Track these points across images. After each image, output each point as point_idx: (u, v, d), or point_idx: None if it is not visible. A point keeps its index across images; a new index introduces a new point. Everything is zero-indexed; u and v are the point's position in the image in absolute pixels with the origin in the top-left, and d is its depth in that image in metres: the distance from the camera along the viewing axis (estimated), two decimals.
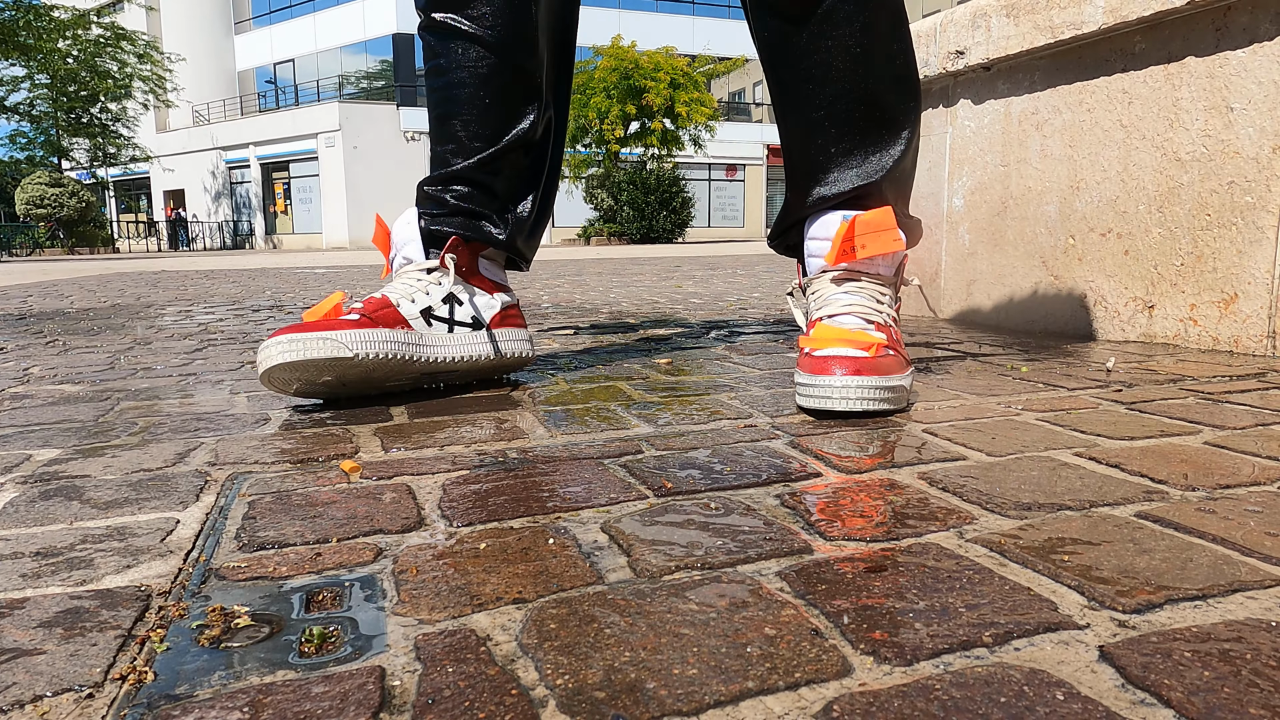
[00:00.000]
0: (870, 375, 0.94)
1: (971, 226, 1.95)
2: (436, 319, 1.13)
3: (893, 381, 0.97)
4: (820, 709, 0.39)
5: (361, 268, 7.00)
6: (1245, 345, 1.40)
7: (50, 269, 8.62)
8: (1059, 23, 1.63)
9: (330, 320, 1.04)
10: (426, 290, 1.14)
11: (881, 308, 1.07)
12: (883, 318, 1.06)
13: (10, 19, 21.11)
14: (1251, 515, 0.63)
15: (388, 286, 1.15)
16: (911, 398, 1.04)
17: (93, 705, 0.41)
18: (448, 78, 1.19)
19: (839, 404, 0.94)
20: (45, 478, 0.79)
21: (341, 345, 1.02)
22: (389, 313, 1.09)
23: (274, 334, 1.02)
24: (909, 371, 1.02)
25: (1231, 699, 0.39)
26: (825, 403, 0.94)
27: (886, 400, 0.96)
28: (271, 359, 1.00)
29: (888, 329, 1.05)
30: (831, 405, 0.94)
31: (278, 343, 1.00)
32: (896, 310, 1.12)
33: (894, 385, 0.97)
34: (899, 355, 1.02)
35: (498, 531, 0.62)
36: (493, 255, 1.24)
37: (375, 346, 1.05)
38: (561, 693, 0.40)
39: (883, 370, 0.96)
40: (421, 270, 1.16)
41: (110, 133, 24.72)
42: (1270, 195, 1.36)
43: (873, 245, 1.06)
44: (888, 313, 1.07)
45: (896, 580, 0.52)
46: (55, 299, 3.55)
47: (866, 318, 1.04)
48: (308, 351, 1.00)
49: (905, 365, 1.02)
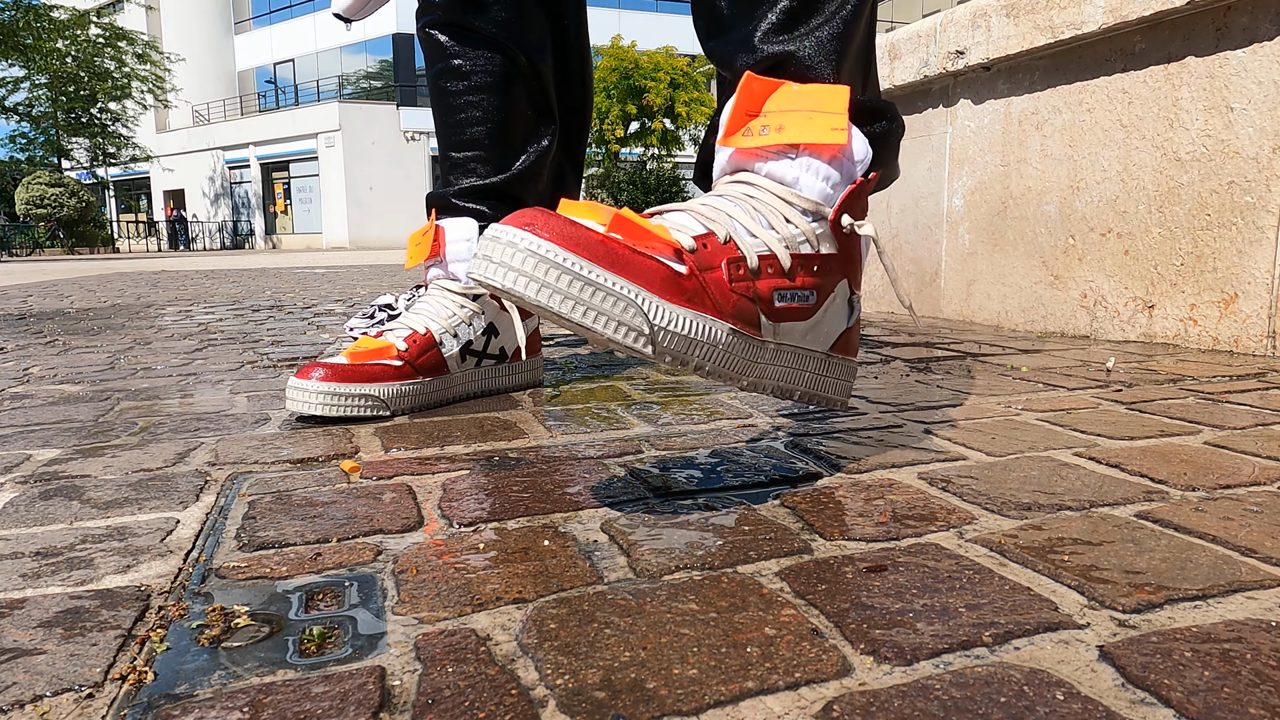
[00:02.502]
0: (560, 246, 0.56)
1: (971, 226, 1.95)
2: (470, 353, 1.11)
3: (598, 277, 0.56)
4: (820, 709, 0.39)
5: (361, 268, 7.00)
6: (1245, 345, 1.40)
7: (50, 269, 8.62)
8: (1059, 23, 1.63)
9: (373, 369, 1.01)
10: (470, 320, 1.10)
11: (760, 231, 0.66)
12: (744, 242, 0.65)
13: (10, 19, 21.11)
14: (1251, 515, 0.63)
15: (430, 305, 1.11)
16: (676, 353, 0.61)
17: (93, 705, 0.41)
18: (469, 81, 1.13)
19: (491, 274, 0.57)
20: (45, 478, 0.79)
21: (381, 404, 1.01)
22: (432, 357, 1.06)
23: (308, 369, 0.99)
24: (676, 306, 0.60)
25: (1231, 699, 0.39)
26: (479, 267, 0.57)
27: (573, 302, 0.56)
28: (309, 406, 0.98)
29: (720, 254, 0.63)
30: (480, 272, 0.57)
31: (318, 390, 0.98)
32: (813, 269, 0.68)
33: (597, 282, 0.56)
34: (677, 277, 0.60)
35: (498, 531, 0.62)
36: None
37: (411, 400, 1.04)
38: (561, 693, 0.40)
39: (593, 255, 0.57)
40: (466, 297, 1.11)
41: (110, 133, 24.72)
42: (1270, 195, 1.36)
43: (795, 128, 0.67)
44: (765, 245, 0.66)
45: (896, 580, 0.52)
46: (55, 299, 3.55)
47: (708, 225, 0.65)
48: (346, 408, 0.99)
49: (672, 289, 0.60)
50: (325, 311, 2.65)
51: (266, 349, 1.72)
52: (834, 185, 0.70)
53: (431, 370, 1.06)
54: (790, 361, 0.70)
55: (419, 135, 26.00)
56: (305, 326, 2.18)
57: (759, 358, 0.67)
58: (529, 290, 0.55)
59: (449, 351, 1.08)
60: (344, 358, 1.02)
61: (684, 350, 0.60)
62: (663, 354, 0.59)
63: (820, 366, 0.73)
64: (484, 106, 1.14)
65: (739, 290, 0.64)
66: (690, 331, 0.60)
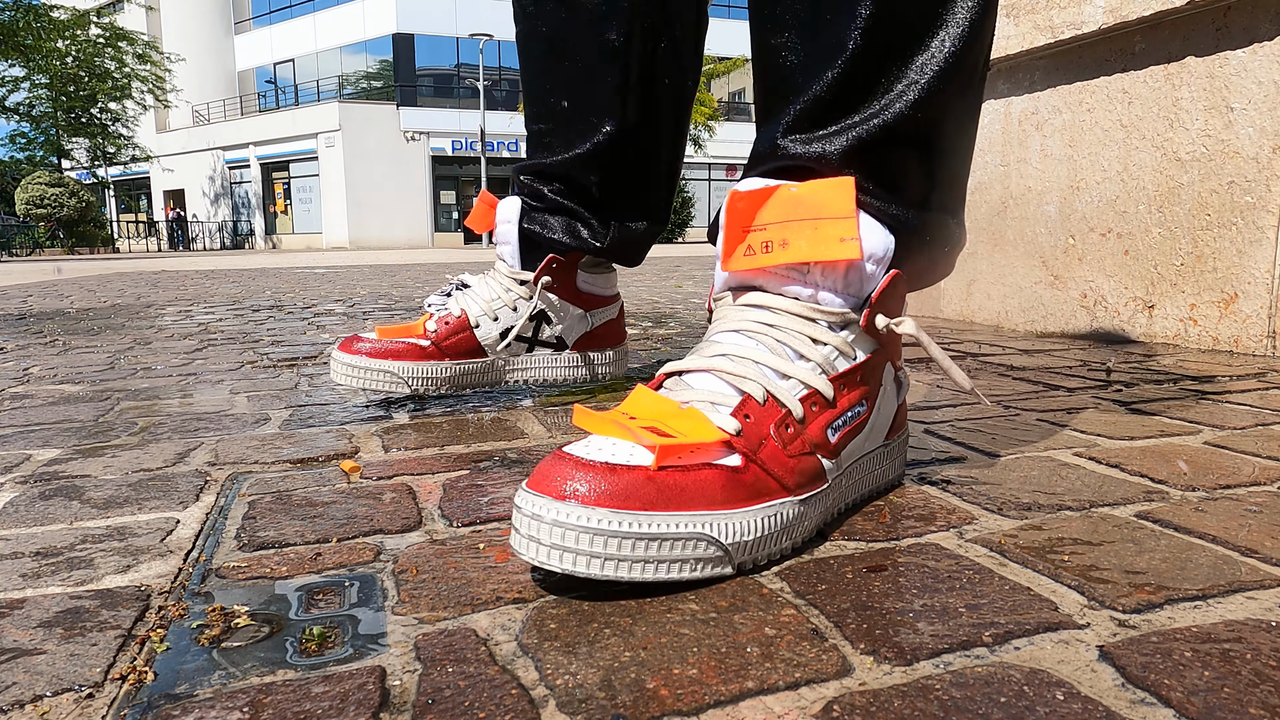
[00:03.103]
0: (609, 508, 0.49)
1: (971, 226, 1.95)
2: (518, 339, 1.08)
3: (650, 524, 0.50)
4: (820, 709, 0.39)
5: (361, 268, 7.00)
6: (1245, 345, 1.40)
7: (50, 269, 8.62)
8: (1059, 23, 1.63)
9: (396, 347, 1.03)
10: (514, 305, 1.08)
11: (793, 368, 0.59)
12: (781, 392, 0.58)
13: (10, 19, 21.11)
14: (1251, 515, 0.63)
15: (474, 291, 1.09)
16: (756, 556, 0.54)
17: (93, 705, 0.41)
18: (548, 45, 1.02)
19: (546, 557, 0.50)
20: (45, 478, 0.79)
21: (399, 380, 1.03)
22: (462, 339, 1.06)
23: (342, 345, 1.04)
24: (744, 512, 0.53)
25: (1231, 699, 0.39)
26: (527, 548, 0.50)
27: (641, 563, 0.50)
28: (336, 375, 1.04)
29: (765, 418, 0.57)
30: (532, 555, 0.50)
31: (342, 361, 1.03)
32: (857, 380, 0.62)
33: (648, 533, 0.49)
34: (735, 476, 0.53)
35: (498, 531, 0.62)
36: (598, 260, 1.11)
37: (435, 383, 1.05)
38: (561, 693, 0.40)
39: (645, 501, 0.50)
40: (514, 280, 1.08)
41: (110, 133, 24.73)
42: (1270, 195, 1.36)
43: (799, 242, 0.61)
44: (801, 383, 0.59)
45: (896, 580, 0.52)
46: (55, 299, 3.55)
47: (740, 386, 0.58)
48: (366, 381, 1.03)
49: (733, 493, 0.53)
50: (325, 311, 2.65)
51: (266, 349, 1.72)
52: (858, 290, 0.63)
53: (462, 353, 1.06)
54: (852, 479, 0.64)
55: (419, 135, 26.00)
56: (305, 326, 2.18)
57: (826, 501, 0.60)
58: (593, 569, 0.49)
59: (485, 334, 1.07)
60: (374, 334, 1.05)
61: (762, 550, 0.54)
62: (744, 565, 0.54)
63: (880, 461, 0.68)
64: (559, 74, 1.03)
65: (795, 451, 0.57)
66: (766, 529, 0.54)
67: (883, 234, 0.64)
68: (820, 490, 0.59)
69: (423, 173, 26.35)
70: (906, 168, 0.66)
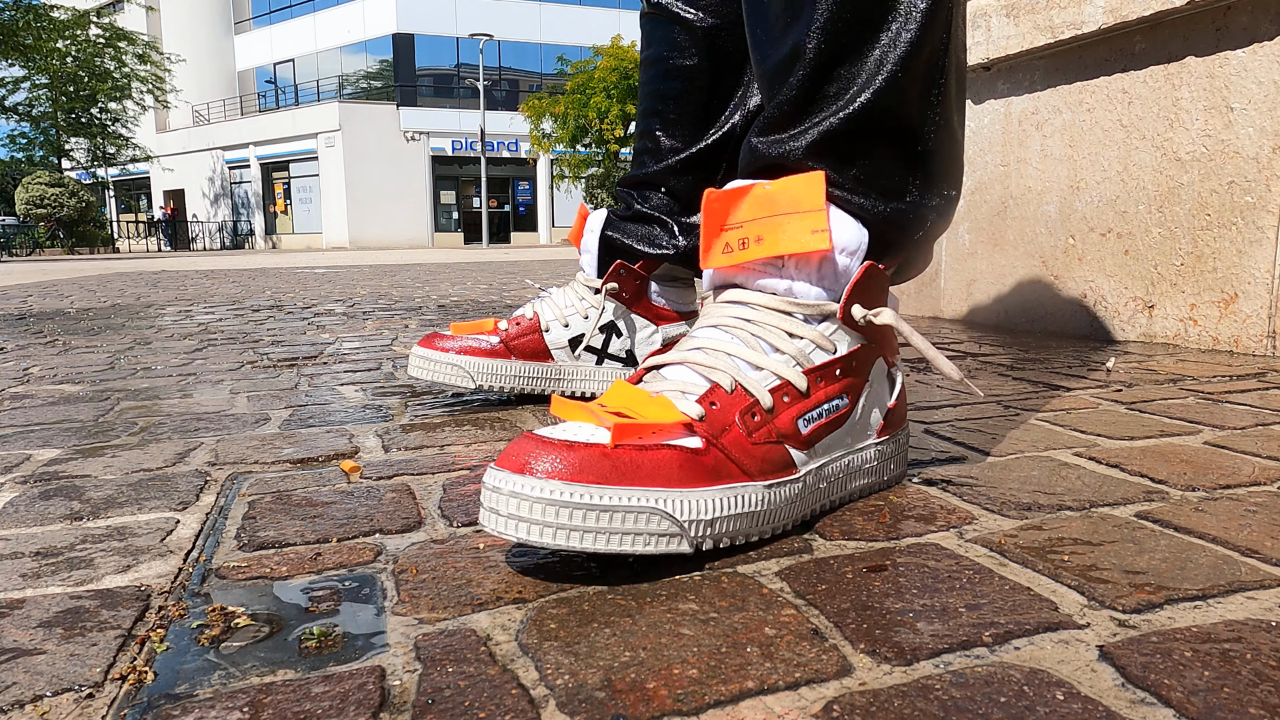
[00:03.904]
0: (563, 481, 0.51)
1: (971, 226, 1.95)
2: (587, 349, 1.07)
3: (603, 497, 0.51)
4: (820, 709, 0.39)
5: (361, 268, 7.00)
6: (1245, 345, 1.40)
7: (50, 269, 8.62)
8: (1059, 23, 1.63)
9: (466, 345, 1.05)
10: (585, 313, 1.07)
11: (766, 360, 0.62)
12: (751, 382, 0.60)
13: (10, 19, 21.11)
14: (1251, 515, 0.63)
15: (552, 298, 1.10)
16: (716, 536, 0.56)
17: (93, 705, 0.41)
18: (654, 70, 1.05)
19: (503, 527, 0.52)
20: (45, 478, 0.79)
21: (466, 374, 1.04)
22: (531, 341, 1.06)
23: (422, 341, 1.07)
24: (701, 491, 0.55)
25: (1231, 699, 0.39)
26: (488, 520, 0.53)
27: (594, 533, 0.52)
28: (411, 367, 1.07)
29: (731, 405, 0.59)
30: (492, 526, 0.53)
31: (418, 355, 1.06)
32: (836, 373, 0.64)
33: (601, 504, 0.51)
34: (694, 457, 0.55)
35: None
36: (677, 273, 1.09)
37: (501, 380, 1.05)
38: (561, 693, 0.40)
39: (600, 476, 0.52)
40: (588, 288, 1.09)
41: (110, 133, 24.72)
42: (1270, 195, 1.36)
43: (772, 237, 0.63)
44: (774, 375, 0.61)
45: (896, 580, 0.52)
46: (55, 299, 3.55)
47: (710, 376, 0.61)
48: (435, 374, 1.05)
49: (691, 473, 0.55)
50: (325, 311, 2.65)
51: (266, 349, 1.72)
52: (835, 282, 0.65)
53: (529, 354, 1.06)
54: (837, 471, 0.65)
55: (419, 135, 26.00)
56: (305, 326, 2.18)
57: (803, 493, 0.62)
58: (546, 537, 0.51)
59: (554, 339, 1.07)
60: (449, 330, 1.08)
61: (723, 530, 0.56)
62: (702, 543, 0.55)
63: (873, 457, 0.68)
64: (661, 95, 1.05)
65: (760, 439, 0.59)
66: (722, 510, 0.55)
67: (854, 226, 0.65)
68: (788, 479, 0.60)
69: (423, 173, 26.34)
70: (876, 159, 0.67)
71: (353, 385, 1.26)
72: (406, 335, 1.93)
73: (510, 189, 27.99)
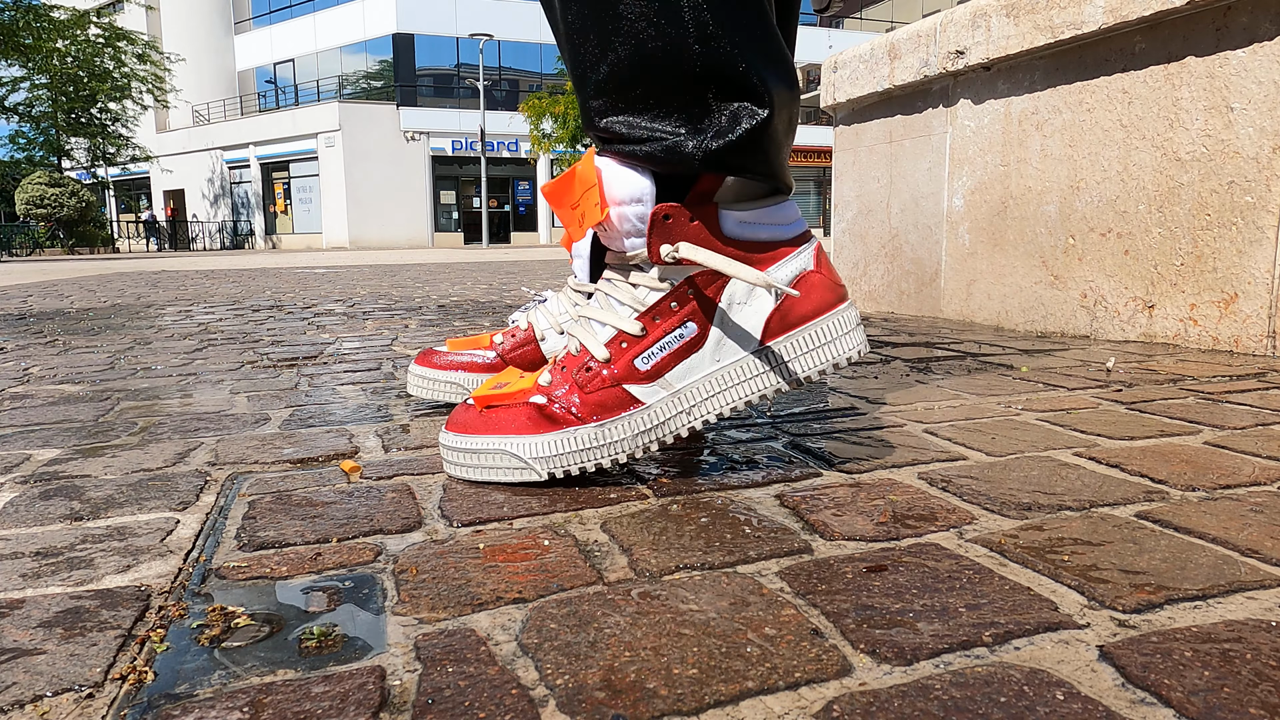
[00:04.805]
0: (450, 432, 0.75)
1: (971, 226, 1.95)
2: None
3: (471, 443, 0.73)
4: (820, 709, 0.39)
5: (361, 268, 7.00)
6: (1245, 345, 1.40)
7: (50, 269, 8.62)
8: (1059, 23, 1.63)
9: (463, 361, 1.01)
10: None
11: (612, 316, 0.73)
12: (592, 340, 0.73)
13: (10, 19, 21.11)
14: (1251, 515, 0.63)
15: (547, 306, 1.03)
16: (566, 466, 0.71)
17: (93, 705, 0.41)
18: None
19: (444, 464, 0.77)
20: (45, 478, 0.79)
21: (463, 391, 1.01)
22: (528, 353, 1.00)
23: (419, 358, 1.04)
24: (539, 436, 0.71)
25: (1231, 699, 0.39)
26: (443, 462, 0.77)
27: (465, 466, 0.73)
28: (409, 386, 1.04)
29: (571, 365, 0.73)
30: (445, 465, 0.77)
31: (415, 374, 1.04)
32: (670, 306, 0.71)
33: (471, 448, 0.73)
34: (539, 411, 0.72)
35: (498, 531, 0.62)
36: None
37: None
38: (561, 693, 0.40)
39: (470, 428, 0.74)
40: (581, 293, 0.99)
41: (110, 133, 24.72)
42: (1270, 195, 1.36)
43: (591, 214, 0.73)
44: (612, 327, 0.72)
45: (896, 580, 0.52)
46: (55, 299, 3.55)
47: (571, 335, 0.76)
48: (434, 393, 1.03)
49: (535, 424, 0.71)
50: (325, 311, 2.65)
51: (266, 349, 1.72)
52: (647, 230, 0.70)
53: (528, 365, 1.04)
54: (701, 391, 0.72)
55: (419, 135, 25.99)
56: (305, 326, 2.18)
57: (657, 419, 0.72)
58: (456, 471, 0.74)
59: (549, 348, 1.04)
60: (445, 347, 1.06)
61: (565, 463, 0.71)
62: (550, 472, 0.71)
63: (758, 364, 0.73)
64: None
65: (594, 387, 0.72)
66: (556, 449, 0.71)
67: (632, 176, 0.71)
68: (625, 415, 0.72)
69: (422, 173, 26.34)
70: (651, 101, 0.70)
71: (353, 385, 1.26)
72: (406, 335, 1.93)
73: (510, 189, 27.98)
